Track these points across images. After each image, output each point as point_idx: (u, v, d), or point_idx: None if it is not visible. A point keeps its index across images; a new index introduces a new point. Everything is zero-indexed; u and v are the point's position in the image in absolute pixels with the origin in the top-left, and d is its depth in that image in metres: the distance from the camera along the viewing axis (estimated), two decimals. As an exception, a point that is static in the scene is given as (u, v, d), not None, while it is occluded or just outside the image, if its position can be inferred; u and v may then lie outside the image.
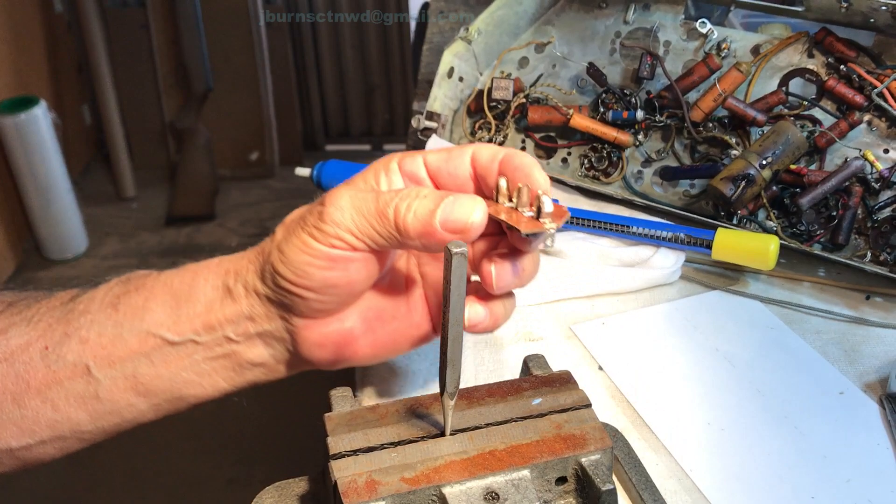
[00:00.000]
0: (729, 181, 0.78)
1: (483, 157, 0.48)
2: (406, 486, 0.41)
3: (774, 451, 0.60)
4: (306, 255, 0.45)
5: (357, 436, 0.44)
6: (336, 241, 0.44)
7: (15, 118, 2.39)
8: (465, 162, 0.48)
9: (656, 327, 0.73)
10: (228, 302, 0.48)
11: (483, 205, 0.44)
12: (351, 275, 0.46)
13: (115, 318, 0.49)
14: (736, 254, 0.76)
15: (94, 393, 0.49)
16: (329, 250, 0.45)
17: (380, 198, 0.44)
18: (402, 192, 0.45)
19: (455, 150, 0.49)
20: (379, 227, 0.44)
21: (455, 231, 0.43)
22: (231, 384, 0.52)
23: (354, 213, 0.44)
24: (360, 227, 0.44)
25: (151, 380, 0.49)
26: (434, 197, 0.44)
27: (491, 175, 0.48)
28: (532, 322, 0.74)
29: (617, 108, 0.89)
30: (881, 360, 0.68)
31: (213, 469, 1.83)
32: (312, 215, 0.45)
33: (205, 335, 0.49)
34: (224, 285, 0.49)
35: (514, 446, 0.44)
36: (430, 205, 0.43)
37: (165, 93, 3.10)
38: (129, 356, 0.48)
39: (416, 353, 0.69)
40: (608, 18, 0.92)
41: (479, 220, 0.43)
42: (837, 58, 0.79)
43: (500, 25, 0.95)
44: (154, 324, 0.48)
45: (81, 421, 0.50)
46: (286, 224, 0.48)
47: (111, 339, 0.48)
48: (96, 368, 0.48)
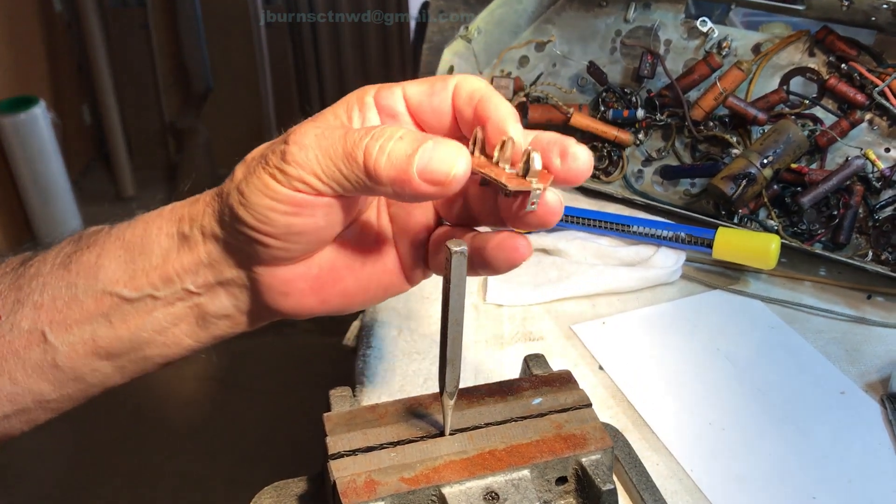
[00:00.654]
0: (730, 180, 0.78)
1: (462, 95, 0.42)
2: (405, 486, 0.41)
3: (775, 451, 0.59)
4: (268, 199, 0.40)
5: (356, 435, 0.44)
6: (300, 184, 0.39)
7: (14, 118, 2.39)
8: (447, 97, 0.42)
9: (657, 327, 0.73)
10: (185, 250, 0.45)
11: (467, 153, 0.38)
12: (317, 221, 0.41)
13: (67, 279, 0.46)
14: (737, 253, 0.76)
15: (52, 361, 0.46)
16: (293, 194, 0.40)
17: (348, 136, 0.39)
18: (375, 131, 0.39)
19: (438, 83, 0.43)
20: (346, 171, 0.39)
21: (434, 182, 0.37)
22: (195, 340, 0.48)
23: (320, 153, 0.39)
24: (325, 169, 0.39)
25: (112, 342, 0.46)
26: (411, 139, 0.38)
27: (464, 117, 0.42)
28: (532, 322, 0.73)
29: (617, 107, 0.89)
30: (882, 360, 0.68)
31: (212, 469, 1.83)
32: (275, 154, 0.40)
33: (163, 289, 0.45)
34: (179, 233, 0.45)
35: (513, 446, 0.44)
36: (406, 148, 0.38)
37: (165, 92, 3.10)
38: (85, 318, 0.46)
39: (416, 353, 0.69)
40: (609, 17, 0.92)
41: (461, 171, 0.38)
42: (838, 56, 0.79)
43: (500, 24, 0.94)
44: (109, 281, 0.45)
45: (44, 391, 0.47)
46: (246, 162, 0.43)
47: (66, 301, 0.45)
48: (52, 334, 0.46)
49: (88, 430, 1.92)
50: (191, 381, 2.04)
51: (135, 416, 1.95)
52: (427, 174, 0.37)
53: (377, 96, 0.43)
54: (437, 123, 0.43)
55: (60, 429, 1.97)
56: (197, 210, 0.45)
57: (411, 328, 0.72)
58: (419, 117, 0.44)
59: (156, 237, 0.46)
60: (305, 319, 0.48)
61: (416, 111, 0.43)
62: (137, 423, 1.93)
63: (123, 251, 0.46)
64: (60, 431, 1.91)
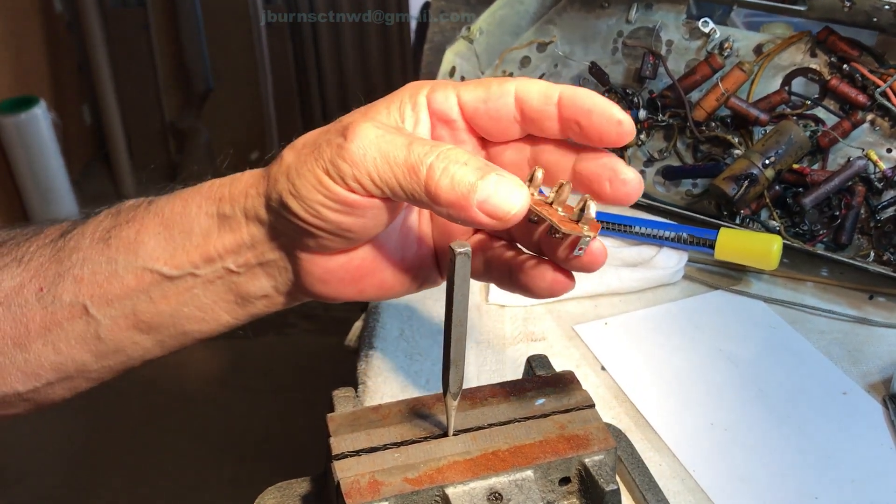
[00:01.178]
0: (732, 181, 0.78)
1: (533, 99, 0.40)
2: (409, 486, 0.41)
3: (778, 452, 0.60)
4: (320, 195, 0.40)
5: (360, 436, 0.44)
6: (354, 183, 0.39)
7: (15, 118, 2.39)
8: (508, 103, 0.41)
9: (659, 327, 0.73)
10: (226, 231, 0.45)
11: (527, 193, 0.38)
12: (368, 220, 0.41)
13: (107, 255, 0.46)
14: (739, 254, 0.76)
15: (95, 333, 0.47)
16: (346, 194, 0.39)
17: (412, 149, 0.38)
18: (441, 150, 0.38)
19: (494, 86, 0.41)
20: (405, 182, 0.38)
21: (492, 216, 0.37)
22: (234, 317, 0.48)
23: (379, 157, 0.38)
24: (382, 174, 0.38)
25: (153, 317, 0.47)
26: (476, 167, 0.37)
27: (548, 120, 0.40)
28: (534, 322, 0.73)
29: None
30: (885, 361, 0.68)
31: (214, 469, 1.83)
32: (331, 147, 0.39)
33: (203, 267, 0.45)
34: (219, 213, 0.45)
35: (517, 447, 0.44)
36: (471, 176, 0.37)
37: (165, 93, 3.09)
38: (126, 294, 0.46)
39: (419, 353, 0.69)
40: (610, 18, 0.92)
41: (521, 211, 0.37)
42: (840, 57, 0.79)
43: (501, 25, 0.95)
44: (149, 258, 0.45)
45: (86, 361, 0.48)
46: (297, 149, 0.42)
47: (106, 276, 0.46)
48: (94, 308, 0.46)
49: (89, 431, 1.92)
50: (191, 381, 2.04)
51: (135, 416, 1.95)
52: (487, 207, 0.37)
53: (430, 98, 0.42)
54: (495, 130, 0.43)
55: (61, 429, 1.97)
56: (238, 190, 0.45)
57: (413, 329, 0.72)
58: (475, 123, 0.43)
59: (195, 216, 0.45)
60: (307, 319, 0.49)
61: (471, 117, 0.42)
62: (138, 423, 1.94)
63: (163, 228, 0.46)
64: (61, 431, 1.91)
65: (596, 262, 0.42)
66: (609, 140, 0.40)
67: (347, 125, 0.40)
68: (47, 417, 1.88)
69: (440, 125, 0.43)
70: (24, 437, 1.87)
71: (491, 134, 0.43)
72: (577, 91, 0.40)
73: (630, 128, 0.40)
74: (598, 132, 0.40)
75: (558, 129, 0.41)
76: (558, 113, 0.40)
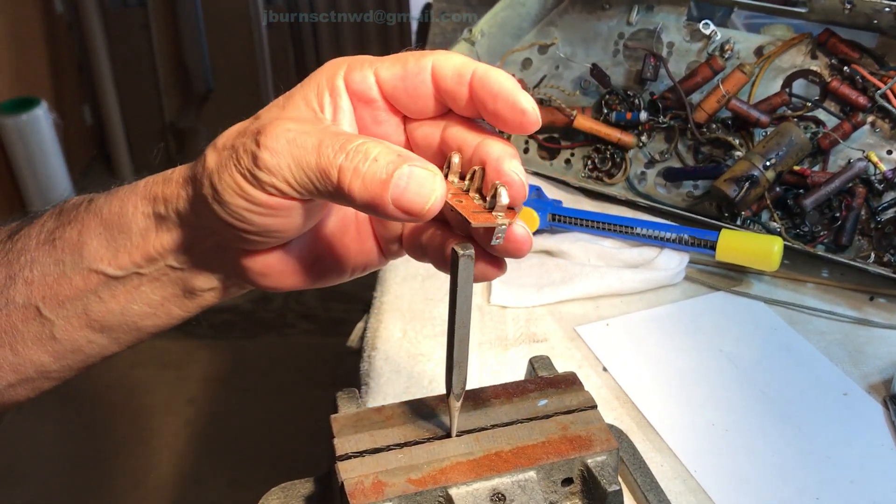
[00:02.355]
0: (732, 182, 0.78)
1: (447, 76, 0.39)
2: (412, 487, 0.41)
3: (778, 452, 0.60)
4: (242, 200, 0.39)
5: (363, 437, 0.44)
6: (273, 189, 0.38)
7: (16, 119, 2.39)
8: (425, 80, 0.40)
9: (660, 328, 0.73)
10: (163, 231, 0.45)
11: (442, 185, 0.37)
12: (294, 219, 0.41)
13: (55, 256, 0.46)
14: (740, 255, 0.76)
15: (50, 334, 0.47)
16: (267, 198, 0.39)
17: (322, 150, 0.37)
18: (350, 148, 0.37)
19: (411, 62, 0.40)
20: (320, 186, 0.37)
21: (408, 212, 0.36)
22: (185, 310, 0.48)
23: (292, 162, 0.37)
24: (298, 178, 0.38)
25: (104, 315, 0.47)
26: (386, 162, 0.36)
27: (459, 98, 0.40)
28: (536, 323, 0.74)
29: (620, 110, 0.89)
30: (885, 362, 0.68)
31: (214, 469, 1.83)
32: (246, 154, 0.39)
33: (147, 266, 0.45)
34: (155, 213, 0.45)
35: (520, 447, 0.44)
36: (381, 173, 0.36)
37: (166, 93, 3.10)
38: (76, 295, 0.46)
39: (421, 354, 0.69)
40: (611, 20, 0.92)
41: (437, 204, 0.37)
42: (841, 59, 0.79)
43: (503, 27, 0.95)
44: (93, 259, 0.45)
45: (45, 362, 0.48)
46: (217, 149, 0.41)
47: (55, 278, 0.46)
48: (46, 309, 0.46)
49: (89, 431, 1.92)
50: (191, 381, 2.04)
51: (135, 416, 1.95)
52: (401, 203, 0.36)
53: (348, 79, 0.41)
54: (414, 107, 0.41)
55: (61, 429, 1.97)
56: (171, 191, 0.44)
57: (416, 330, 0.72)
58: (395, 102, 0.41)
59: (132, 216, 0.45)
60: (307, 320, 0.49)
61: (390, 96, 0.41)
62: (138, 423, 1.94)
63: (103, 229, 0.46)
64: (61, 432, 1.91)
65: (520, 249, 0.40)
66: (511, 127, 0.39)
67: (260, 129, 0.39)
68: (47, 418, 1.89)
69: (361, 106, 0.42)
70: (23, 437, 1.87)
71: (411, 111, 0.42)
72: (490, 72, 0.39)
73: (534, 118, 0.38)
74: (502, 117, 0.39)
75: (470, 109, 0.40)
76: (469, 92, 0.39)
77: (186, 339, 2.11)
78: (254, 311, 2.24)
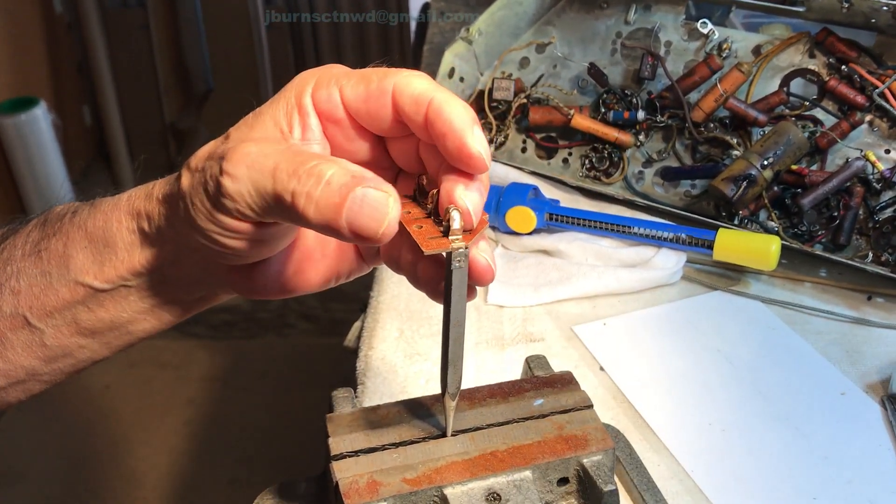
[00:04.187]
0: (730, 181, 0.78)
1: (406, 101, 0.39)
2: (407, 486, 0.41)
3: (776, 452, 0.60)
4: (213, 225, 0.40)
5: (358, 437, 0.44)
6: (238, 214, 0.39)
7: (15, 119, 2.39)
8: (385, 104, 0.40)
9: (657, 328, 0.73)
10: (147, 246, 0.45)
11: (396, 208, 0.36)
12: (266, 239, 0.41)
13: (41, 267, 0.46)
14: (737, 254, 0.76)
15: (40, 341, 0.47)
16: (236, 223, 0.39)
17: (277, 176, 0.37)
18: (302, 172, 0.36)
19: (374, 83, 0.40)
20: (278, 210, 0.38)
21: (363, 237, 0.36)
22: (176, 316, 0.49)
23: (252, 188, 0.37)
24: (259, 204, 0.38)
25: (94, 323, 0.47)
26: (339, 185, 0.36)
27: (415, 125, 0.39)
28: (533, 323, 0.73)
29: (618, 109, 0.89)
30: (883, 361, 0.68)
31: (213, 469, 1.83)
32: (212, 179, 0.39)
33: (134, 279, 0.46)
34: (139, 228, 0.45)
35: (515, 447, 0.44)
36: (334, 197, 0.36)
37: (166, 93, 3.10)
38: (63, 305, 0.47)
39: (418, 354, 0.69)
40: (609, 19, 0.92)
41: (390, 229, 0.36)
42: (838, 58, 0.79)
43: (500, 26, 0.95)
44: (79, 272, 0.46)
45: (35, 366, 0.48)
46: (190, 169, 0.41)
47: (42, 289, 0.46)
48: (34, 319, 0.47)
49: (89, 431, 1.92)
50: (190, 381, 2.04)
51: (135, 416, 1.95)
52: (355, 227, 0.36)
53: (315, 98, 0.41)
54: (378, 127, 0.41)
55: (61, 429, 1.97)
56: (152, 208, 0.45)
57: (412, 329, 0.72)
58: (360, 121, 0.41)
59: (117, 231, 0.46)
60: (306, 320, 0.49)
61: (355, 115, 0.41)
62: (137, 423, 1.94)
63: (88, 242, 0.46)
64: (61, 432, 1.91)
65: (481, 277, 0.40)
66: (461, 166, 0.38)
67: (224, 153, 0.39)
68: (46, 418, 1.89)
69: (330, 125, 0.42)
70: (23, 438, 1.87)
71: (376, 130, 0.42)
72: (445, 105, 0.38)
73: (480, 162, 0.38)
74: (452, 156, 0.38)
75: (426, 136, 0.40)
76: (423, 121, 0.39)
77: (185, 340, 2.11)
78: (253, 312, 2.24)
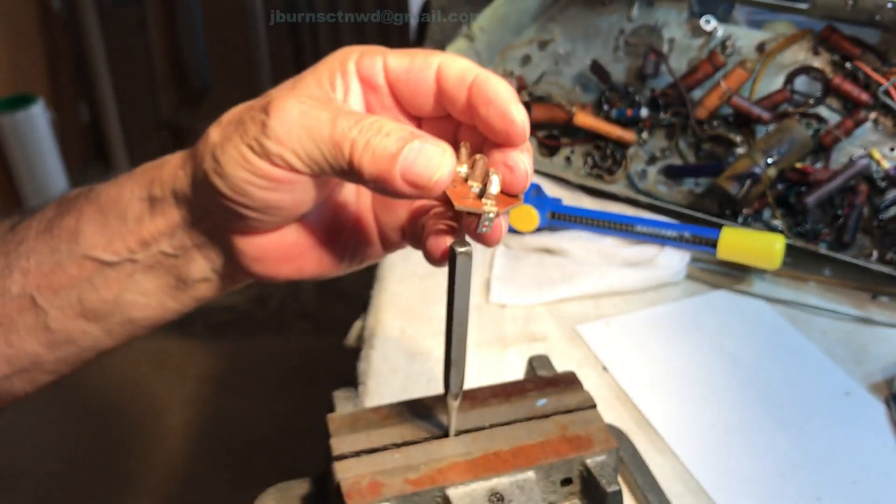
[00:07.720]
0: (734, 180, 0.77)
1: (451, 76, 0.40)
2: (410, 487, 0.41)
3: (780, 452, 0.59)
4: (245, 172, 0.39)
5: (360, 437, 0.43)
6: (281, 161, 0.38)
7: (12, 116, 2.39)
8: (428, 77, 0.40)
9: (661, 327, 0.72)
10: (158, 214, 0.44)
11: (451, 159, 0.37)
12: (295, 196, 0.41)
13: (51, 245, 0.46)
14: (741, 253, 0.76)
15: (44, 324, 0.47)
16: (272, 169, 0.39)
17: (337, 123, 0.38)
18: (364, 123, 0.37)
19: (419, 57, 0.41)
20: (330, 158, 0.38)
21: (416, 185, 0.37)
22: (178, 303, 0.48)
23: (304, 134, 0.38)
24: (308, 150, 0.38)
25: (97, 305, 0.47)
26: (397, 137, 0.37)
27: (457, 101, 0.40)
28: (535, 322, 0.73)
29: (621, 106, 0.89)
30: (888, 361, 0.68)
31: (213, 469, 1.82)
32: (255, 123, 0.39)
33: (140, 252, 0.45)
34: (150, 196, 0.45)
35: (518, 447, 0.43)
36: (391, 147, 0.37)
37: (163, 91, 3.09)
38: (71, 283, 0.46)
39: (419, 353, 0.69)
40: (611, 15, 0.91)
41: (445, 177, 0.37)
42: (843, 55, 0.79)
43: (502, 23, 0.94)
44: (88, 245, 0.46)
45: (38, 353, 0.48)
46: (222, 124, 0.41)
47: (51, 266, 0.46)
48: (41, 298, 0.47)
49: (88, 431, 1.92)
50: (189, 381, 2.04)
51: (134, 416, 1.95)
52: (410, 176, 0.37)
53: (359, 64, 0.41)
54: (413, 101, 0.41)
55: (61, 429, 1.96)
56: (167, 172, 0.44)
57: (414, 329, 0.72)
58: (397, 93, 0.42)
59: (128, 200, 0.45)
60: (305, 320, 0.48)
61: (393, 85, 0.41)
62: (136, 423, 1.93)
63: (100, 215, 0.46)
64: (61, 432, 1.91)
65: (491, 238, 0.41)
66: (499, 135, 0.39)
67: (270, 101, 0.39)
68: (45, 418, 1.88)
69: (369, 91, 0.42)
70: (21, 438, 1.86)
71: (410, 105, 0.42)
72: (490, 79, 0.39)
73: (521, 130, 0.39)
74: (491, 125, 0.39)
75: (465, 114, 0.40)
76: (467, 96, 0.39)
77: (185, 339, 2.11)
78: (252, 311, 2.24)
